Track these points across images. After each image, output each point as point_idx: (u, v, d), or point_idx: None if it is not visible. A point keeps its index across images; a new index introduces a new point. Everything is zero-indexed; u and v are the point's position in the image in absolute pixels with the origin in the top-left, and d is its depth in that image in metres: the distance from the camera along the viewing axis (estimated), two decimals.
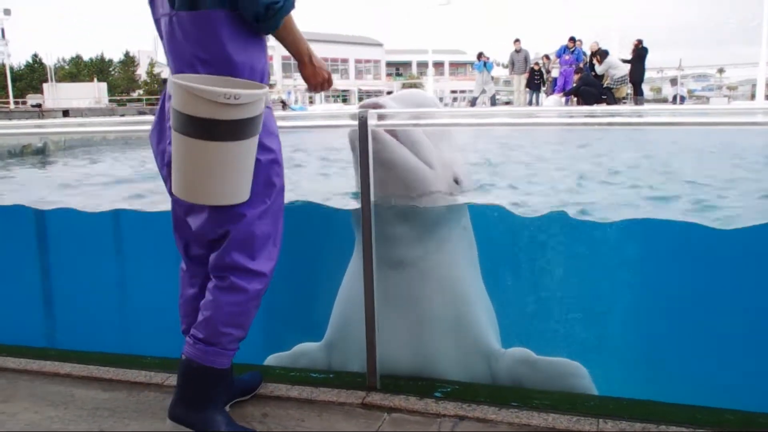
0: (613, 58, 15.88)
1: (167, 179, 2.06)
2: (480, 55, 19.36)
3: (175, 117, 1.80)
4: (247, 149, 1.86)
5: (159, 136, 2.06)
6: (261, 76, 1.95)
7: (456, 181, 2.64)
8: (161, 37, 1.99)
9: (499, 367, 2.61)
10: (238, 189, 1.90)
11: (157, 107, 2.08)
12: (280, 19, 1.87)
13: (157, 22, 1.99)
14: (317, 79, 2.06)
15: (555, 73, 17.81)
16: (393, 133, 2.42)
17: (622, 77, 15.48)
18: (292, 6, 1.88)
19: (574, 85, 16.21)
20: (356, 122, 2.33)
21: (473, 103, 19.50)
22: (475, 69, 19.97)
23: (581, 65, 16.40)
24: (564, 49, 17.22)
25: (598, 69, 15.59)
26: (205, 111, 1.75)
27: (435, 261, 2.57)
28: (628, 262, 2.90)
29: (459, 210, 2.69)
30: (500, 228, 2.94)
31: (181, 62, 1.91)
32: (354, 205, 2.67)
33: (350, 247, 2.71)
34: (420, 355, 2.56)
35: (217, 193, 1.88)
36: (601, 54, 15.75)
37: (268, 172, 1.98)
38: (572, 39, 17.08)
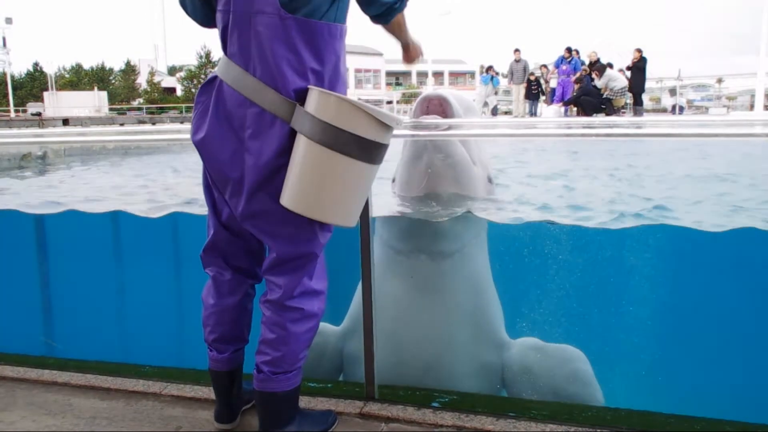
0: (612, 71, 15.93)
1: (249, 192, 1.89)
2: (489, 69, 19.37)
3: (328, 132, 1.74)
4: (375, 174, 1.91)
5: (222, 142, 1.88)
6: (346, 93, 1.95)
7: (489, 180, 2.82)
8: (227, 28, 1.84)
9: (510, 355, 2.70)
10: (359, 212, 1.93)
11: (205, 108, 1.91)
12: (393, 17, 1.97)
13: (234, 13, 1.81)
14: (414, 61, 2.21)
15: (553, 83, 17.88)
16: None
17: (621, 89, 15.53)
18: (404, 5, 1.97)
19: (574, 94, 16.26)
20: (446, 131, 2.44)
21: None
22: (482, 81, 20.01)
23: (581, 74, 16.45)
24: (561, 60, 17.30)
25: (598, 83, 15.66)
26: (373, 133, 1.78)
27: (469, 254, 2.70)
28: (628, 270, 2.91)
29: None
30: None
31: (287, 67, 1.79)
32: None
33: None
34: (440, 345, 2.65)
35: (344, 213, 1.88)
36: (599, 69, 15.81)
37: None
38: (568, 49, 17.16)
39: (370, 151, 1.80)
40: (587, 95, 15.63)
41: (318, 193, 1.82)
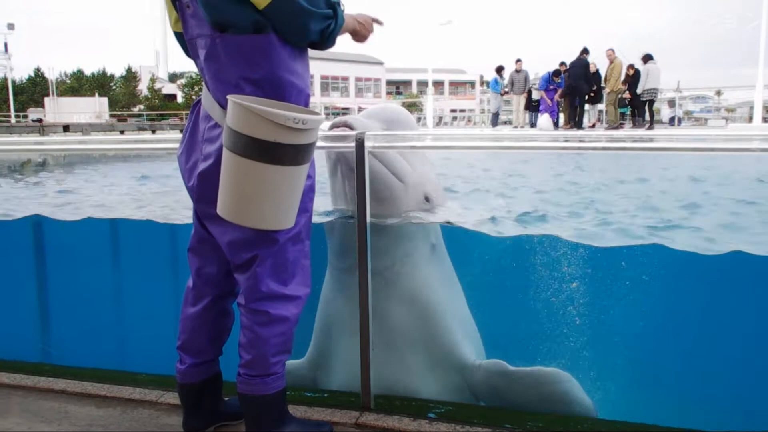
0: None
1: (198, 197, 2.03)
2: (500, 70, 18.73)
3: (233, 137, 1.77)
4: (301, 175, 1.87)
5: (189, 154, 2.04)
6: (306, 99, 1.96)
7: (426, 199, 2.69)
8: (193, 56, 2.00)
9: (475, 379, 2.62)
10: (288, 214, 1.89)
11: (188, 126, 2.07)
12: (336, 37, 1.94)
13: (190, 41, 1.97)
14: (367, 35, 2.11)
15: (536, 94, 17.84)
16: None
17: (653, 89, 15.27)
18: (342, 21, 1.94)
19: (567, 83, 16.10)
20: (353, 144, 2.35)
21: (495, 121, 19.25)
22: (491, 88, 19.55)
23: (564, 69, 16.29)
24: (549, 79, 17.11)
25: (642, 73, 15.23)
26: (270, 134, 1.74)
27: (400, 273, 2.60)
28: (623, 286, 2.91)
29: (426, 228, 2.72)
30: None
31: (223, 83, 1.89)
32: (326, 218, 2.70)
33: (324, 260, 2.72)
34: (393, 366, 2.58)
35: (267, 217, 1.86)
36: (645, 58, 15.35)
37: (304, 198, 1.98)
38: (557, 73, 16.98)
39: (272, 153, 1.77)
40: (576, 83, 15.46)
41: (236, 199, 1.84)
